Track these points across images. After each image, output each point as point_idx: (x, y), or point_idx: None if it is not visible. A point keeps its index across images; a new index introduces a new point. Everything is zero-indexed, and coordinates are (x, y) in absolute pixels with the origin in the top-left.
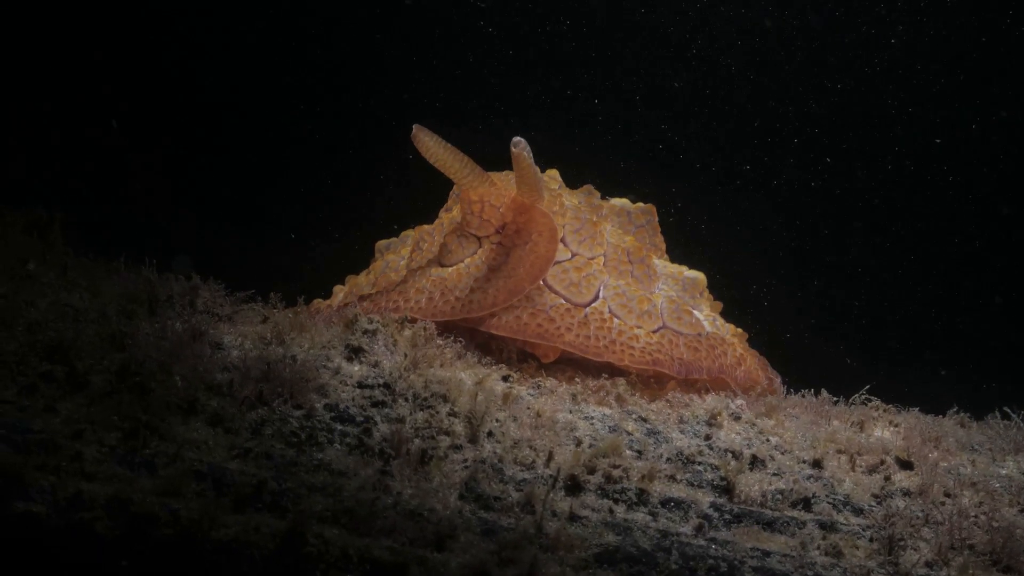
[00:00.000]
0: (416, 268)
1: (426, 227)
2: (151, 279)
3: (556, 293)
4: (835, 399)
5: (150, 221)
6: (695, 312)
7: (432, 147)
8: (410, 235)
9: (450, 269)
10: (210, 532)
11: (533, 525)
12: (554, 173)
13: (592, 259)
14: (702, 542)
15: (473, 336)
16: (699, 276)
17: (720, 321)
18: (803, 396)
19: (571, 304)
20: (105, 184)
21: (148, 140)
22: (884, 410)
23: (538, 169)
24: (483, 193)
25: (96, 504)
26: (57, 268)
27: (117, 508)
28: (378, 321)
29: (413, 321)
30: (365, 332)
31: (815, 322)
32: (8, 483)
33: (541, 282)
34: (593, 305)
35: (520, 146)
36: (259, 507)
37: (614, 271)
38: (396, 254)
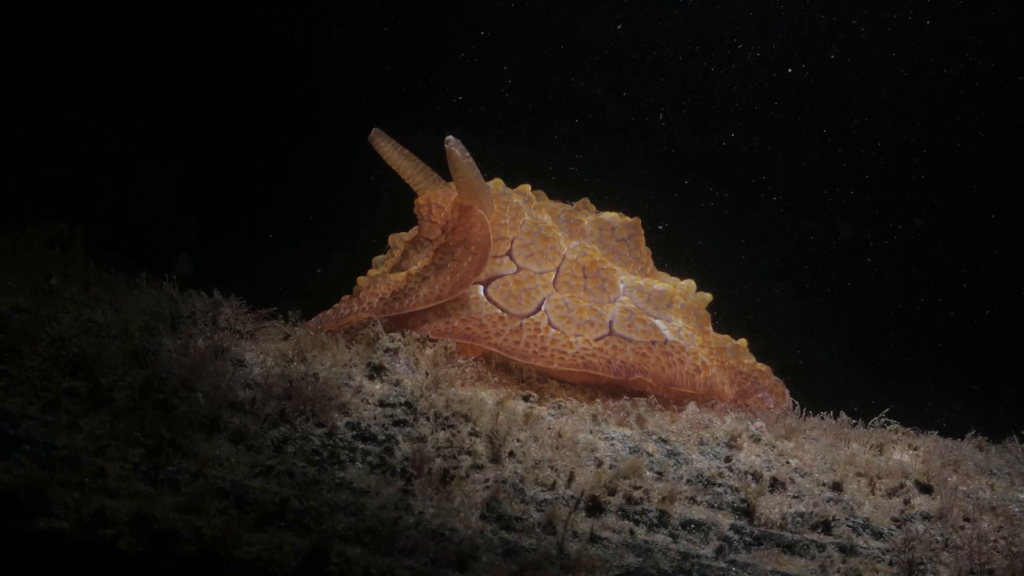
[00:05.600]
0: (377, 275)
1: (402, 234)
2: (173, 295)
3: (494, 303)
4: (854, 421)
5: (155, 223)
6: (654, 321)
7: (389, 151)
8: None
9: (403, 273)
10: (233, 550)
11: (554, 546)
12: (524, 188)
13: (540, 274)
14: (722, 564)
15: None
16: (667, 289)
17: (687, 332)
18: (822, 418)
19: (507, 314)
20: (111, 188)
21: (155, 145)
22: (903, 433)
23: (474, 165)
24: (430, 196)
25: (119, 520)
26: (79, 283)
27: (140, 524)
28: (400, 339)
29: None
30: (387, 351)
31: (830, 342)
32: (32, 499)
33: (481, 293)
34: (532, 317)
35: (451, 143)
36: (281, 525)
37: (564, 286)
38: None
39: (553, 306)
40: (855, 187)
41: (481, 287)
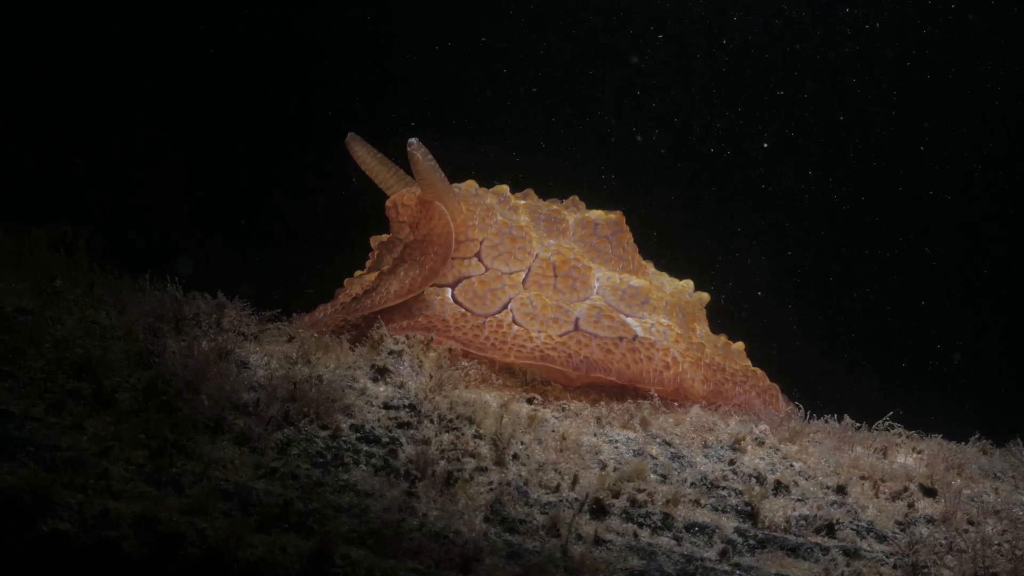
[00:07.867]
0: (355, 277)
1: (381, 237)
2: (177, 297)
3: (459, 304)
4: (858, 425)
5: (159, 225)
6: (625, 318)
7: (362, 155)
8: None
9: (376, 272)
10: (236, 552)
11: (558, 548)
12: (501, 188)
13: (508, 274)
14: (726, 567)
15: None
16: (643, 285)
17: (660, 328)
18: (826, 422)
19: (471, 313)
20: (116, 190)
21: (159, 147)
22: (907, 436)
23: (436, 167)
24: (396, 197)
25: (123, 522)
26: (83, 285)
27: (144, 526)
28: (404, 342)
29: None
30: (391, 353)
31: (833, 345)
32: (36, 501)
33: (449, 296)
34: (496, 315)
35: (413, 146)
36: (285, 527)
37: (533, 285)
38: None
39: (518, 304)
40: (857, 189)
41: (449, 290)
